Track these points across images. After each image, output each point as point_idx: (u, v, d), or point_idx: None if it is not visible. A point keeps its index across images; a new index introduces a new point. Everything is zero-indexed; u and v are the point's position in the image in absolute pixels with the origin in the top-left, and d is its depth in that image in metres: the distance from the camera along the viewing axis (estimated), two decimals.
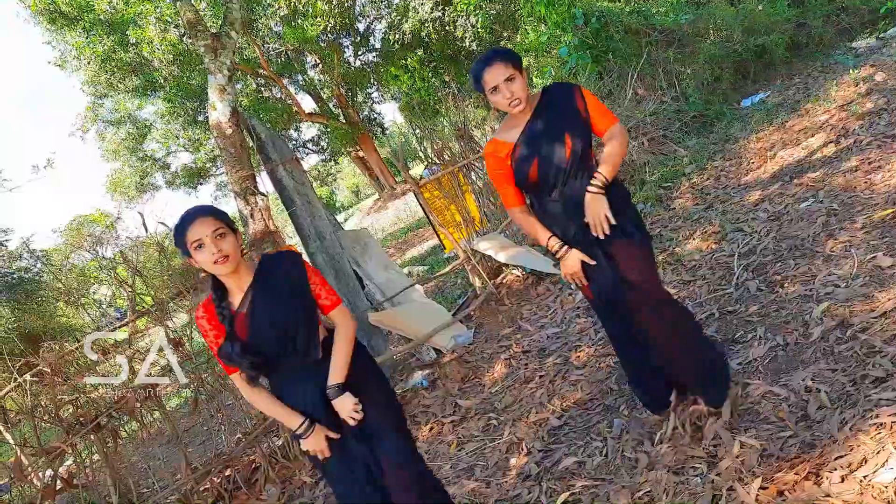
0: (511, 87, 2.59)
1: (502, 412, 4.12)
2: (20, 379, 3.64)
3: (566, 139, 2.65)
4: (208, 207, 2.27)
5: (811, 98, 7.21)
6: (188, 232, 2.18)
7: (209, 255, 2.17)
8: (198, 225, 2.18)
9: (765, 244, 4.37)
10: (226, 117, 4.63)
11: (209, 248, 2.17)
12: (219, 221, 2.21)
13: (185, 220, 2.21)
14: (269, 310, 2.30)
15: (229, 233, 2.23)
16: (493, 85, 2.60)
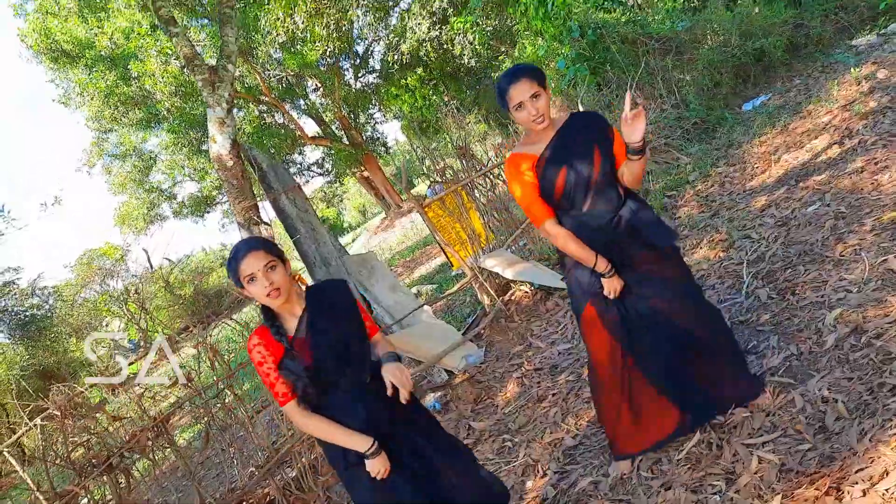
0: (536, 105, 2.60)
1: (516, 433, 4.07)
2: (31, 424, 3.63)
3: (595, 152, 2.67)
4: (259, 241, 2.36)
5: (813, 99, 7.16)
6: (241, 266, 2.27)
7: (262, 289, 2.27)
8: (250, 259, 2.27)
9: (773, 250, 4.32)
10: (226, 150, 4.64)
11: (261, 282, 2.26)
12: (269, 255, 2.30)
13: (237, 254, 2.30)
14: (327, 332, 2.40)
15: (279, 264, 2.32)
16: (518, 101, 2.60)
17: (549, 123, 2.67)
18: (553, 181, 2.69)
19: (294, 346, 2.35)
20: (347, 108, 27.14)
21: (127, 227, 27.90)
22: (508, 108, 2.66)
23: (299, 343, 2.36)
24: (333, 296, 2.52)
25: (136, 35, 19.49)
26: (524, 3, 11.91)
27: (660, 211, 6.36)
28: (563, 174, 2.67)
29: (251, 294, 2.32)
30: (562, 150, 2.69)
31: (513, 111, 2.64)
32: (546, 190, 2.72)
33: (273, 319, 2.38)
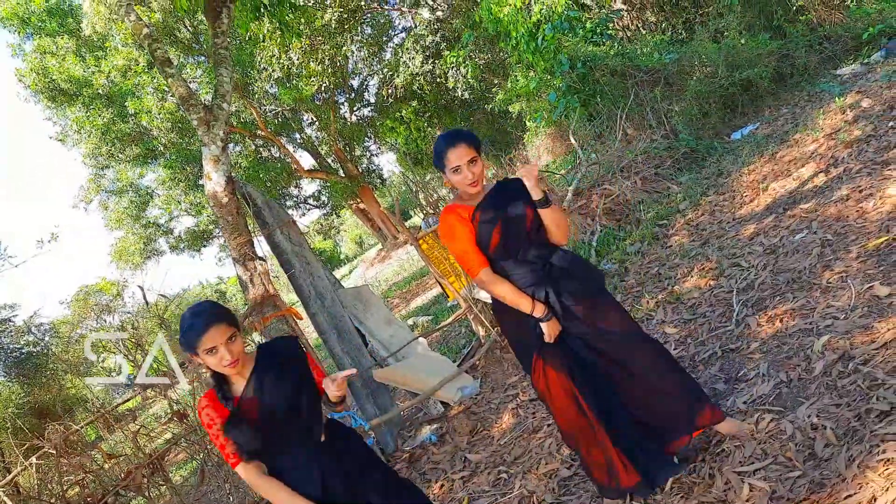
0: (473, 169, 2.72)
1: (512, 464, 4.08)
2: (26, 463, 3.63)
3: (526, 208, 2.80)
4: (218, 313, 2.31)
5: (799, 128, 7.28)
6: (202, 339, 2.24)
7: (221, 360, 2.27)
8: (213, 332, 2.24)
9: (762, 278, 4.37)
10: (221, 187, 4.71)
11: (222, 354, 2.26)
12: (231, 327, 2.30)
13: (196, 327, 2.25)
14: (275, 391, 2.38)
15: (237, 333, 2.32)
16: (455, 164, 2.70)
17: (480, 189, 2.79)
18: (489, 232, 2.78)
19: (241, 407, 2.33)
20: (343, 141, 27.36)
21: (124, 263, 27.91)
22: (444, 170, 2.75)
23: (247, 403, 2.34)
24: (283, 353, 2.51)
25: (132, 73, 19.76)
26: (515, 38, 12.13)
27: (651, 240, 6.43)
28: (499, 226, 2.78)
29: (205, 362, 2.30)
30: (496, 205, 2.81)
31: (449, 173, 2.74)
32: (482, 240, 2.80)
33: (221, 383, 2.37)
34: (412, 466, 4.78)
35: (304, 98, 22.13)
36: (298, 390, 2.43)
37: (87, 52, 20.39)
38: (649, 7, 15.09)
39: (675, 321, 4.56)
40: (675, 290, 4.99)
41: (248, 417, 2.31)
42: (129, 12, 5.16)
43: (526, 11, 12.26)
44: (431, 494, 4.22)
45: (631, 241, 6.63)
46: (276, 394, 2.38)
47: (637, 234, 6.69)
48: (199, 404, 2.37)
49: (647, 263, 5.96)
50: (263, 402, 2.34)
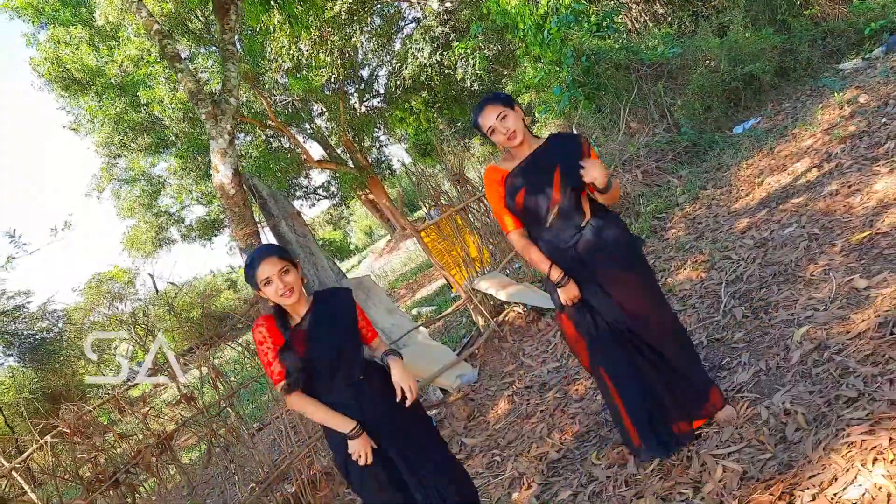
0: (505, 124, 2.85)
1: (505, 448, 4.24)
2: (41, 440, 3.82)
3: (556, 174, 2.87)
4: (272, 248, 2.65)
5: (799, 123, 7.36)
6: (258, 272, 2.56)
7: (277, 290, 2.57)
8: (266, 265, 2.56)
9: (751, 271, 4.50)
10: (228, 179, 4.87)
11: (276, 284, 2.56)
12: (283, 261, 2.60)
13: (253, 260, 2.59)
14: (325, 330, 2.66)
15: (292, 268, 2.62)
16: (488, 126, 2.87)
17: (523, 141, 2.90)
18: (514, 197, 2.93)
19: (293, 339, 2.61)
20: (352, 132, 27.48)
21: (135, 251, 28.22)
22: (484, 135, 2.91)
23: (299, 334, 2.62)
24: (336, 304, 2.77)
25: (145, 62, 19.94)
26: (522, 30, 12.21)
27: (648, 234, 6.56)
28: (523, 193, 2.91)
29: (266, 295, 2.60)
30: (527, 170, 2.92)
31: (490, 137, 2.89)
32: (509, 205, 2.96)
33: (281, 314, 2.66)
34: None
35: (313, 89, 22.25)
36: (345, 335, 2.71)
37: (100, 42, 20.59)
38: (654, 1, 15.11)
39: None
40: (668, 282, 5.12)
41: (297, 349, 2.59)
42: (140, 8, 5.32)
43: (533, 3, 12.33)
44: None
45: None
46: (325, 335, 2.65)
47: (636, 226, 6.81)
48: (255, 324, 2.66)
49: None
50: (312, 341, 2.62)
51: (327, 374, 2.65)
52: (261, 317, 2.69)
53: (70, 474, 3.89)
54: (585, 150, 2.92)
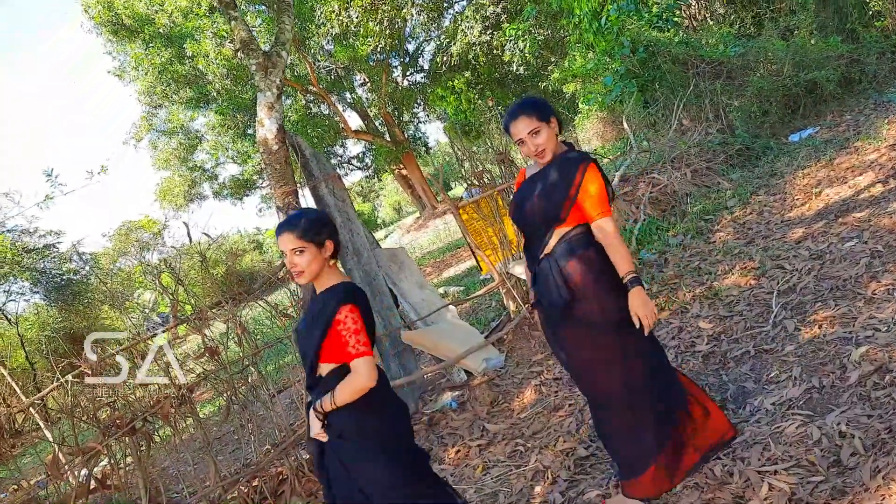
0: (535, 141, 2.71)
1: (530, 438, 4.10)
2: (62, 379, 3.76)
3: (536, 199, 2.78)
4: (296, 221, 2.43)
5: (861, 136, 7.07)
6: (278, 241, 2.44)
7: (288, 266, 2.46)
8: (282, 238, 2.42)
9: (805, 283, 4.29)
10: (272, 134, 4.75)
11: (288, 262, 2.44)
12: (299, 241, 2.38)
13: (278, 228, 2.46)
14: (303, 331, 2.53)
15: (310, 248, 2.39)
16: (518, 138, 2.74)
17: (553, 156, 2.77)
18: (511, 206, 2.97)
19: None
20: (392, 106, 27.31)
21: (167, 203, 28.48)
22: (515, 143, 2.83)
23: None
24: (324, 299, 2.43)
25: (194, 15, 19.91)
26: (578, 16, 11.92)
27: (694, 234, 6.33)
28: (513, 205, 2.91)
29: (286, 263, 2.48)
30: (528, 184, 2.88)
31: (517, 145, 2.79)
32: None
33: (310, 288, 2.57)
34: (431, 429, 4.84)
35: (358, 57, 22.10)
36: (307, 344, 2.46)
37: None
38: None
39: (711, 317, 4.50)
40: (714, 286, 4.92)
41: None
42: None
43: None
44: (447, 458, 4.27)
45: (674, 232, 6.54)
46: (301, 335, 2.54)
47: (681, 226, 6.59)
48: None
49: (688, 257, 5.88)
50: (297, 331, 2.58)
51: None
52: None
53: (87, 416, 3.83)
54: (577, 178, 2.69)
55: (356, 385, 2.33)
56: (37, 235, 19.38)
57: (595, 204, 2.67)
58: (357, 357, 2.32)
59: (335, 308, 2.34)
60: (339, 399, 2.35)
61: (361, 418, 2.42)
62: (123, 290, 21.61)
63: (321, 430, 2.45)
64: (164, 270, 4.47)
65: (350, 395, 2.35)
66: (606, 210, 2.69)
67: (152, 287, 17.91)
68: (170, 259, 6.81)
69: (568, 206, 2.71)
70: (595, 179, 2.69)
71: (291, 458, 4.48)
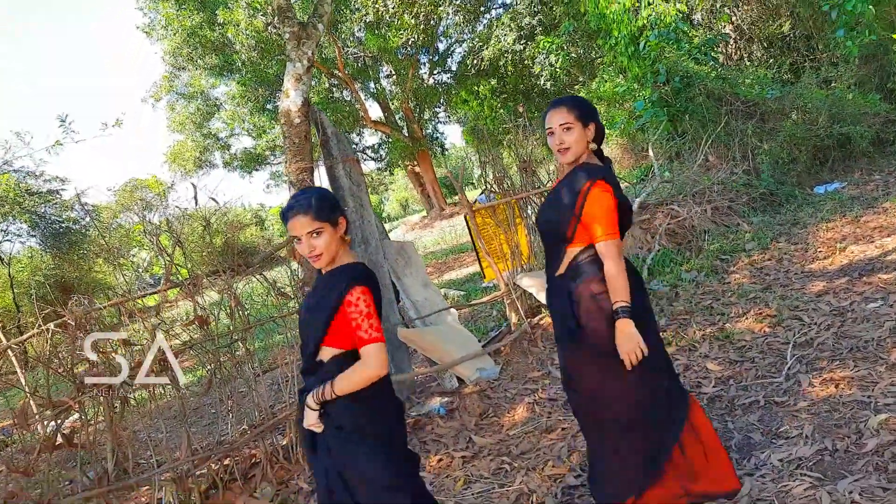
0: (564, 136, 2.59)
1: (517, 458, 3.93)
2: (44, 327, 3.59)
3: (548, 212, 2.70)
4: (309, 203, 2.26)
5: (891, 198, 6.91)
6: (288, 226, 2.28)
7: (304, 251, 2.28)
8: (295, 223, 2.25)
9: (823, 338, 4.12)
10: (296, 106, 4.59)
11: (304, 246, 2.27)
12: (315, 222, 2.24)
13: (287, 212, 2.28)
14: (305, 312, 2.40)
15: (326, 229, 2.26)
16: (549, 126, 2.64)
17: (573, 160, 2.62)
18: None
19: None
20: (415, 102, 27.18)
21: (177, 166, 28.30)
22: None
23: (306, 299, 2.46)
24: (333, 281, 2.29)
25: None
26: (615, 38, 11.76)
27: (709, 272, 6.17)
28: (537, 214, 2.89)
29: (298, 249, 2.32)
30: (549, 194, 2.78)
31: (547, 135, 2.67)
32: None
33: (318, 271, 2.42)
34: (414, 433, 4.66)
35: (388, 48, 21.96)
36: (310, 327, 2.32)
37: None
38: (758, 40, 14.58)
39: (720, 359, 4.33)
40: (726, 328, 4.75)
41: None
42: None
43: (633, 13, 11.88)
44: (429, 466, 4.09)
45: (688, 267, 6.38)
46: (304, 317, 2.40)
47: (696, 262, 6.43)
48: None
49: (701, 294, 5.71)
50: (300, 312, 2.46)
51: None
52: None
53: (64, 368, 3.65)
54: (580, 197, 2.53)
55: (366, 373, 2.18)
56: (42, 179, 19.19)
57: (601, 224, 2.49)
58: (370, 342, 2.17)
59: (346, 288, 2.21)
60: (342, 388, 2.20)
61: (362, 412, 2.26)
62: (121, 246, 21.39)
63: (316, 421, 2.26)
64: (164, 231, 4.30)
65: (357, 384, 2.20)
66: (612, 233, 2.50)
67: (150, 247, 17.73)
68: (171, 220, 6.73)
69: (573, 224, 2.54)
70: (602, 199, 2.51)
71: (267, 441, 4.31)
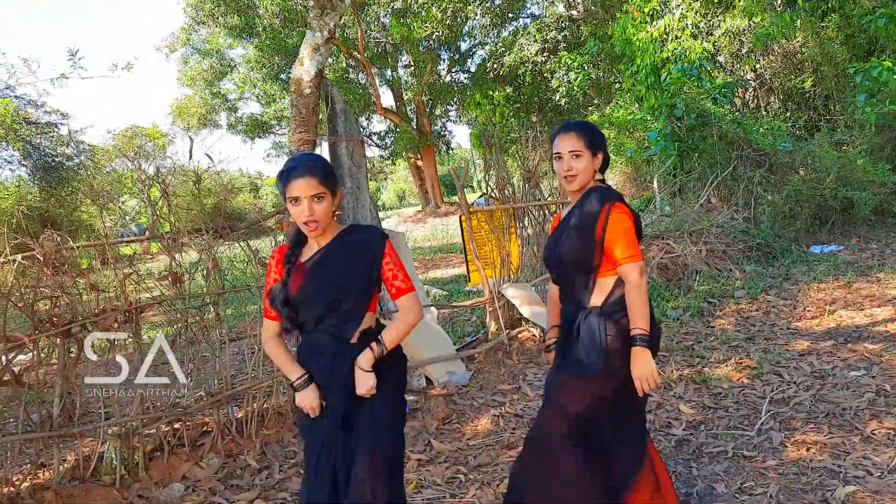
0: (573, 162, 2.51)
1: (473, 469, 3.82)
2: (10, 257, 3.45)
3: (563, 240, 2.56)
4: (318, 165, 2.21)
5: (886, 268, 6.87)
6: (291, 185, 2.15)
7: (302, 214, 2.17)
8: (301, 182, 2.14)
9: (801, 399, 4.05)
10: (309, 76, 4.46)
11: (303, 208, 2.15)
12: (321, 186, 2.16)
13: (291, 170, 2.17)
14: (329, 274, 2.26)
15: (327, 196, 2.19)
16: (557, 151, 2.54)
17: (578, 189, 2.56)
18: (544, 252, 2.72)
19: (294, 271, 2.27)
20: (428, 96, 27.10)
21: (180, 120, 28.04)
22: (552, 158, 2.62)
23: (300, 271, 2.27)
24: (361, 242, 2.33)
25: None
26: (638, 65, 11.72)
27: (695, 313, 6.10)
28: (545, 247, 2.68)
29: (290, 212, 2.21)
30: (561, 225, 2.66)
31: (554, 159, 2.58)
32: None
33: (296, 244, 2.32)
34: None
35: (411, 38, 21.85)
36: (348, 284, 2.27)
37: None
38: (777, 92, 14.58)
39: (694, 403, 4.25)
40: (705, 372, 4.67)
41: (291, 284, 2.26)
42: None
43: (659, 44, 11.84)
44: None
45: (674, 305, 6.31)
46: (326, 279, 2.26)
47: (683, 300, 6.36)
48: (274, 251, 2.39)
49: (684, 333, 5.64)
50: (307, 281, 2.26)
51: (311, 323, 2.29)
52: (281, 246, 2.38)
53: (24, 304, 3.51)
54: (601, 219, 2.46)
55: (411, 319, 2.29)
56: (42, 110, 18.90)
57: (622, 247, 2.42)
58: (408, 291, 2.30)
59: (377, 246, 2.28)
60: (393, 340, 2.29)
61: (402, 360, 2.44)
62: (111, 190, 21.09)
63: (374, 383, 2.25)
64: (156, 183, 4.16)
65: (403, 334, 2.30)
66: (634, 254, 2.43)
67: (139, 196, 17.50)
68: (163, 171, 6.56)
69: (598, 251, 2.45)
70: (622, 221, 2.45)
71: (223, 411, 4.19)
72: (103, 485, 3.72)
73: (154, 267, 6.26)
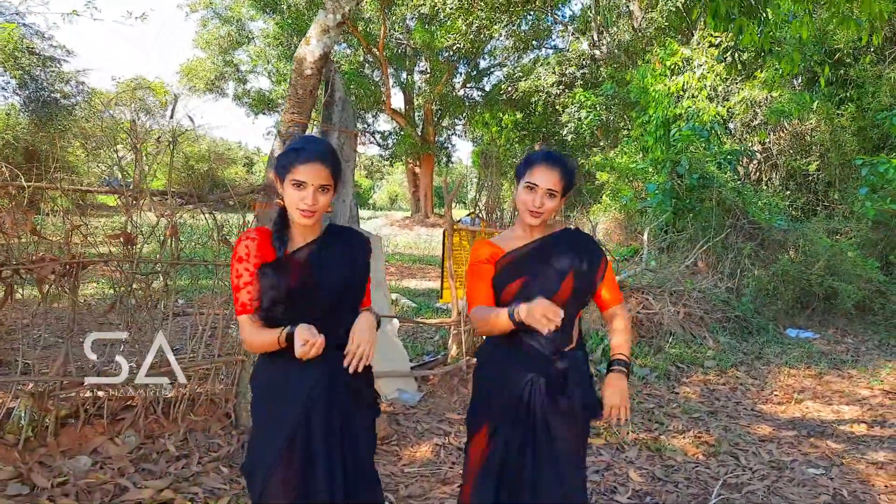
0: (545, 200, 2.27)
1: (402, 499, 3.59)
2: None
3: (569, 276, 2.32)
4: (328, 153, 2.07)
5: (859, 366, 6.75)
6: (300, 167, 1.99)
7: (302, 202, 2.00)
8: (313, 168, 2.00)
9: (755, 488, 3.85)
10: (313, 57, 4.24)
11: (307, 196, 2.00)
12: (331, 178, 2.04)
13: (300, 151, 2.01)
14: (334, 268, 2.13)
15: (331, 190, 2.07)
16: (533, 182, 2.27)
17: (539, 226, 2.34)
18: (505, 285, 2.33)
19: (290, 260, 2.08)
20: (438, 106, 27.01)
21: (188, 81, 27.70)
22: (520, 180, 2.33)
23: (295, 261, 2.08)
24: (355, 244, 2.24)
25: None
26: (650, 115, 11.64)
27: (661, 375, 5.93)
28: (520, 284, 2.31)
29: (284, 194, 2.04)
30: (533, 259, 2.35)
31: (521, 187, 2.30)
32: (497, 286, 2.35)
33: (282, 226, 2.11)
34: None
35: (432, 46, 21.75)
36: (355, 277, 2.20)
37: None
38: (780, 169, 14.58)
39: (645, 471, 4.04)
40: (661, 440, 4.48)
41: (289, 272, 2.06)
42: None
43: (674, 99, 11.77)
44: None
45: (642, 363, 6.12)
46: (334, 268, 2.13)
47: (652, 359, 6.18)
48: (244, 234, 2.11)
49: (646, 394, 5.45)
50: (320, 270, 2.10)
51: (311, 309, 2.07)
52: (255, 229, 2.15)
53: None
54: (601, 269, 2.39)
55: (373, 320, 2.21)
56: (48, 43, 18.52)
57: (613, 290, 2.44)
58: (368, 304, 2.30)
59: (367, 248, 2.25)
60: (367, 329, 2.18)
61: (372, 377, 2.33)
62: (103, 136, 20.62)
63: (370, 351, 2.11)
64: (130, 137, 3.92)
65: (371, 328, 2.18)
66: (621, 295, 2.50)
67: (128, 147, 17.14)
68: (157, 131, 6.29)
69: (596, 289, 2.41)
70: (611, 268, 2.49)
71: (150, 389, 3.92)
72: (5, 443, 3.44)
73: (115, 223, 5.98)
